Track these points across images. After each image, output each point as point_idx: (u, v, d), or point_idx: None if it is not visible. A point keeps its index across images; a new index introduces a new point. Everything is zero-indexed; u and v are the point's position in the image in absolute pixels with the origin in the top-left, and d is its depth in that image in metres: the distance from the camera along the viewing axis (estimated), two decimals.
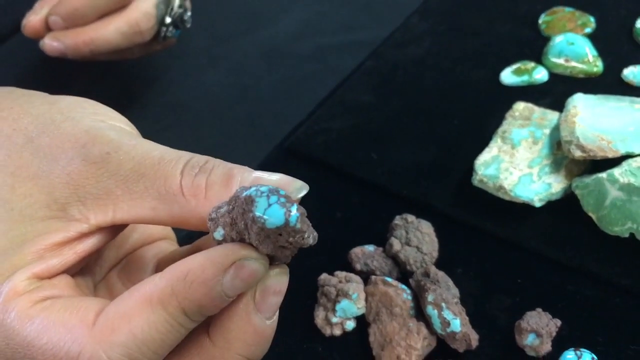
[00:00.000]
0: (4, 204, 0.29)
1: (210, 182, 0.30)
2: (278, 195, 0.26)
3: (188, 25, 0.56)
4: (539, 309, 0.41)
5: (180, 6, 0.54)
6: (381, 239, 0.46)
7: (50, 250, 0.29)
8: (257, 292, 0.28)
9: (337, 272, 0.44)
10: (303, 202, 0.50)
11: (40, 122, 0.31)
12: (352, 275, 0.44)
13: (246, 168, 0.31)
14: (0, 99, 0.33)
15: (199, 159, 0.31)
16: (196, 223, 0.30)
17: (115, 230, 0.32)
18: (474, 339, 0.40)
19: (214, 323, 0.29)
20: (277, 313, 0.30)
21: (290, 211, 0.26)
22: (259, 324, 0.29)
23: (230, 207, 0.28)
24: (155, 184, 0.30)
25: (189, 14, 0.55)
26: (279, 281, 0.29)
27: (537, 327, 0.40)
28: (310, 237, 0.28)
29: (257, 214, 0.26)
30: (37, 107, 0.32)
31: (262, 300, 0.28)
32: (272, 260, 0.29)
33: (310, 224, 0.28)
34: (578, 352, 0.39)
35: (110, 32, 0.51)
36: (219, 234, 0.28)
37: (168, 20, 0.52)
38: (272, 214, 0.26)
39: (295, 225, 0.26)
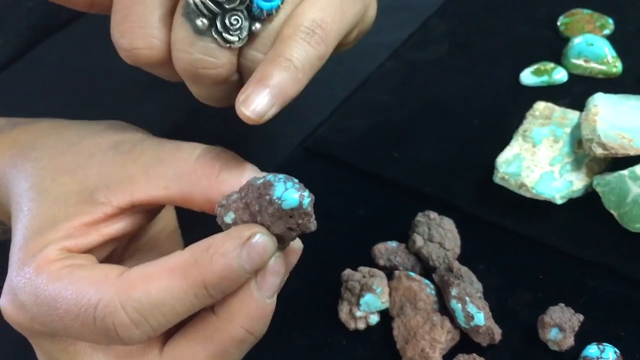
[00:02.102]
0: (44, 191, 0.33)
1: (224, 167, 0.33)
2: (293, 182, 0.30)
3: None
4: (562, 304, 0.41)
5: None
6: (403, 236, 0.47)
7: (78, 229, 0.32)
8: (259, 272, 0.31)
9: (361, 268, 0.45)
10: (326, 199, 0.51)
11: (81, 133, 0.36)
12: (375, 270, 0.44)
13: (256, 167, 0.34)
14: (49, 122, 0.38)
15: (217, 147, 0.34)
16: (202, 203, 0.33)
17: (138, 218, 0.35)
18: (497, 333, 0.41)
19: (218, 302, 0.31)
20: (276, 294, 0.32)
21: (304, 195, 0.30)
22: (260, 300, 0.31)
23: (243, 193, 0.31)
24: (172, 166, 0.33)
25: None
26: (278, 263, 0.31)
27: (560, 322, 0.40)
28: (313, 223, 0.31)
29: (276, 195, 0.30)
30: (77, 124, 0.38)
31: (263, 279, 0.31)
32: (277, 242, 0.31)
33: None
34: (601, 347, 0.39)
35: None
36: (229, 217, 0.31)
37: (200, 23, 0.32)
38: (289, 197, 0.30)
39: (307, 208, 0.30)
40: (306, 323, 0.45)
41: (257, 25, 0.33)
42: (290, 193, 0.30)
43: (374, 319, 0.43)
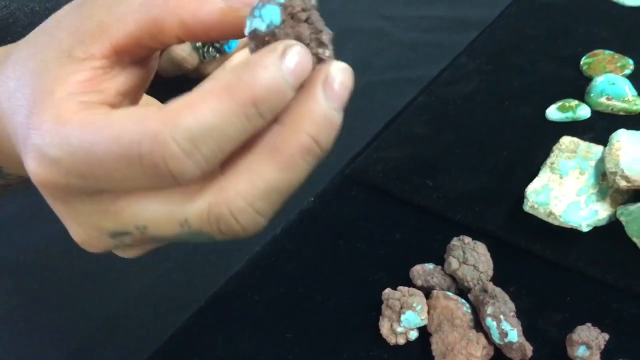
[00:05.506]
0: (28, 73, 0.31)
1: None
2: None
3: (232, 45, 0.58)
4: (589, 324, 0.45)
5: None
6: (437, 259, 0.51)
7: (87, 85, 0.30)
8: (323, 80, 0.29)
9: (400, 287, 0.48)
10: (365, 224, 0.55)
11: (56, 18, 0.33)
12: (414, 289, 0.48)
13: None
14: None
15: None
16: (177, 28, 0.30)
17: (134, 69, 0.33)
18: (529, 349, 0.44)
19: (283, 112, 0.29)
20: (342, 112, 0.29)
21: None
22: (327, 108, 0.29)
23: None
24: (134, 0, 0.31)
25: None
26: (346, 75, 0.29)
27: (588, 340, 0.43)
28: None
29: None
30: (57, 14, 0.35)
31: (330, 88, 0.29)
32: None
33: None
34: None
35: (162, 61, 0.54)
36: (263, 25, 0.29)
37: (198, 44, 0.55)
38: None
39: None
40: (350, 337, 0.48)
41: (218, 55, 0.55)
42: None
43: (414, 334, 0.47)
